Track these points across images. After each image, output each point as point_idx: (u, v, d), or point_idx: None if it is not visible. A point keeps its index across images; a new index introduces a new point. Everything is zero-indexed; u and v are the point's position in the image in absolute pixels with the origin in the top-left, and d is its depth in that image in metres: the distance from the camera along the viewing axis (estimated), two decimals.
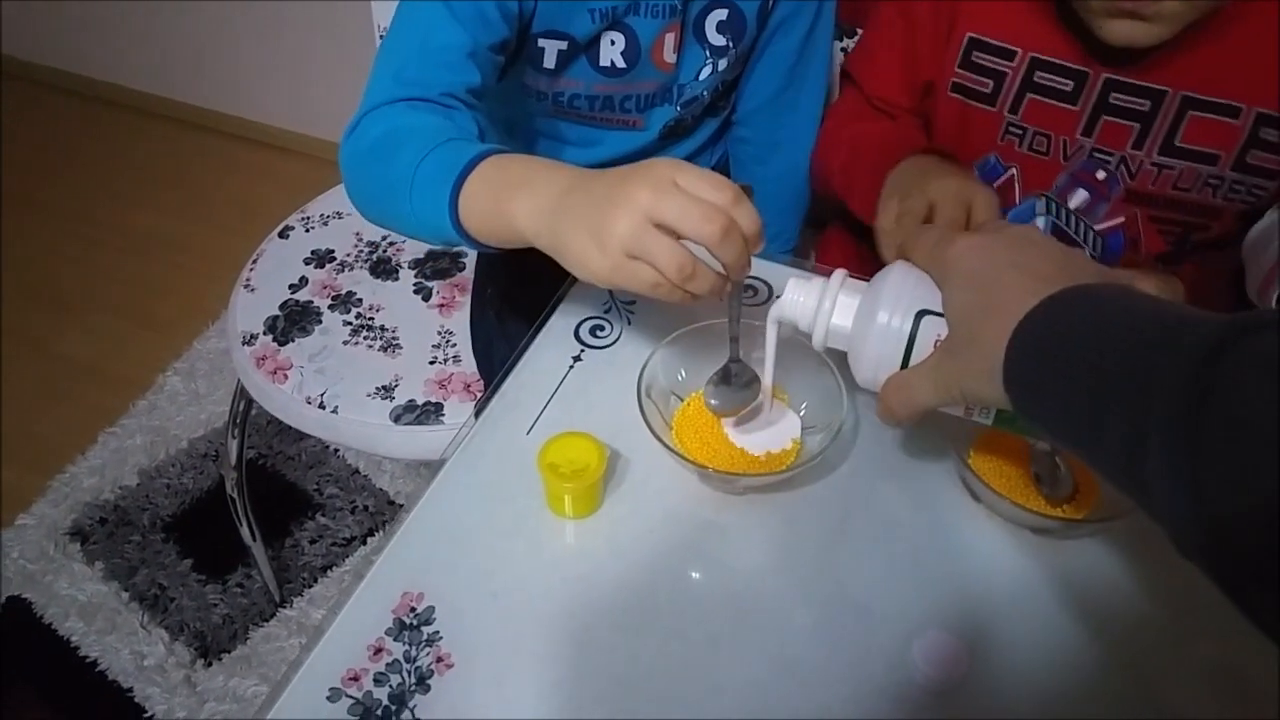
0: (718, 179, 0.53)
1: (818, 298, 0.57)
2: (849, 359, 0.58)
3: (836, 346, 0.58)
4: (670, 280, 0.53)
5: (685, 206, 0.52)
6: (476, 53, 0.75)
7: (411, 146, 0.66)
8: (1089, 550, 0.61)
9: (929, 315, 0.53)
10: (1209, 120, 0.75)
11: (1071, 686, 0.55)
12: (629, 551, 0.61)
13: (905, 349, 0.54)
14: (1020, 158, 0.82)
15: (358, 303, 1.10)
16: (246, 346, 1.06)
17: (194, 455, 1.54)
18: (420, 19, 0.76)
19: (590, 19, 0.82)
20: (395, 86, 0.72)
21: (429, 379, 1.01)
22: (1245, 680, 0.56)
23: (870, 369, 0.56)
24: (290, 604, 1.36)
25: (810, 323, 0.58)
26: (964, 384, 0.49)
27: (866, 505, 0.64)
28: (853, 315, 0.56)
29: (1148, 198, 0.80)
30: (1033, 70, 0.79)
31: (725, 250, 0.53)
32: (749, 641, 0.57)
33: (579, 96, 0.89)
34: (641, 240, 0.52)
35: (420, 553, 0.61)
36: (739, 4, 0.86)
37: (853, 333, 0.57)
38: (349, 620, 0.58)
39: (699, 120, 0.97)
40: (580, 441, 0.61)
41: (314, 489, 1.50)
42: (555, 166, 0.61)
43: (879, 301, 0.54)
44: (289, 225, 1.20)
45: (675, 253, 0.52)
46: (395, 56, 0.75)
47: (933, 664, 0.55)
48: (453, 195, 0.61)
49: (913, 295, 0.54)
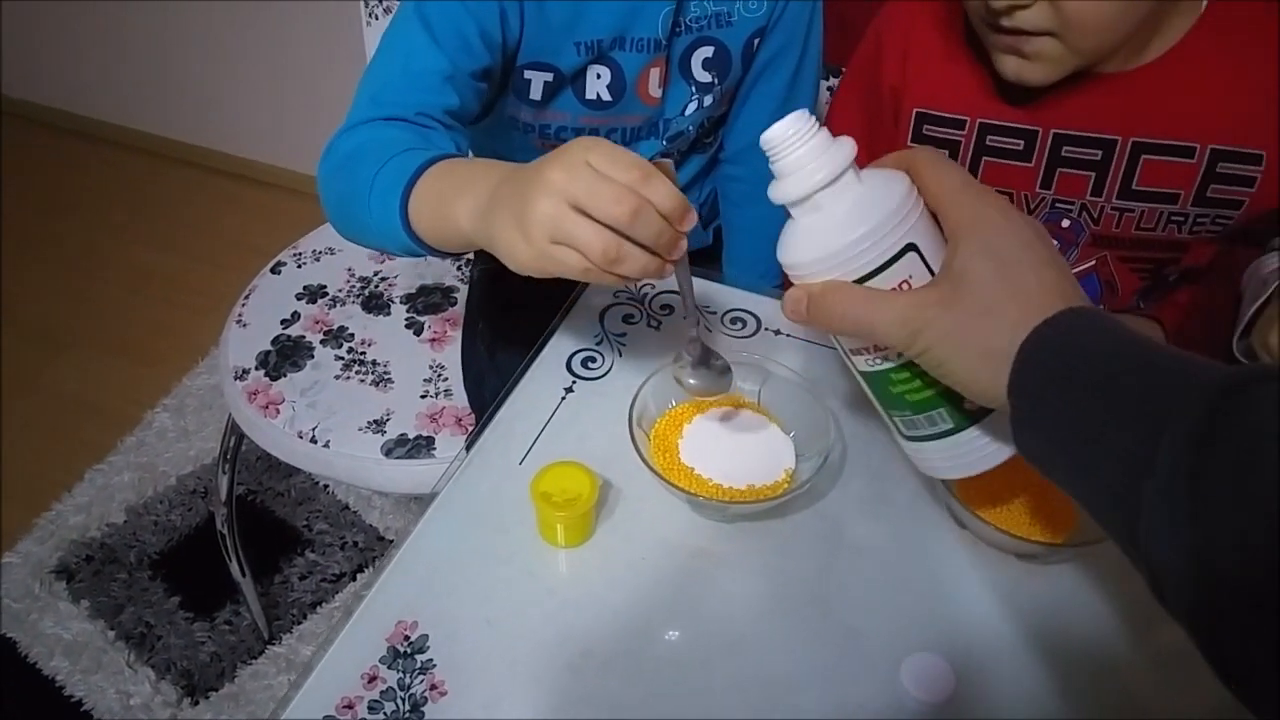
0: (629, 158, 0.52)
1: (813, 155, 0.49)
2: (789, 227, 0.51)
3: (792, 210, 0.51)
4: (596, 265, 0.52)
5: (593, 189, 0.50)
6: (456, 77, 0.76)
7: (373, 157, 0.67)
8: (1073, 575, 0.62)
9: (913, 254, 0.48)
10: (1164, 162, 0.77)
11: (1057, 708, 0.56)
12: (621, 580, 0.62)
13: (867, 274, 0.48)
14: None
15: (349, 337, 1.11)
16: (239, 381, 1.07)
17: (182, 492, 1.53)
18: (400, 44, 0.78)
19: (576, 52, 0.84)
20: (371, 107, 0.73)
21: (420, 413, 1.02)
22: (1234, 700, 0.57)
23: (813, 263, 0.49)
24: (279, 641, 1.35)
25: (787, 168, 0.50)
26: (947, 346, 0.45)
27: (855, 531, 0.65)
28: (838, 201, 0.49)
29: (1114, 240, 0.82)
30: (983, 135, 0.82)
31: (638, 231, 0.51)
32: (741, 667, 0.58)
33: (565, 129, 0.91)
34: (561, 225, 0.51)
35: (415, 581, 0.62)
36: (724, 42, 0.88)
37: (825, 220, 0.49)
38: (343, 648, 0.58)
39: (685, 156, 0.99)
40: (572, 471, 0.62)
41: (303, 525, 1.49)
42: (493, 165, 0.60)
43: (871, 214, 0.48)
44: (281, 261, 1.21)
45: (598, 236, 0.51)
46: (374, 80, 0.77)
47: (920, 686, 0.56)
48: (403, 201, 0.62)
49: (908, 225, 0.48)
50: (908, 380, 0.52)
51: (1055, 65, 0.72)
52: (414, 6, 0.79)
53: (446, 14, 0.77)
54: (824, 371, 0.74)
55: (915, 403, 0.53)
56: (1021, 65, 0.73)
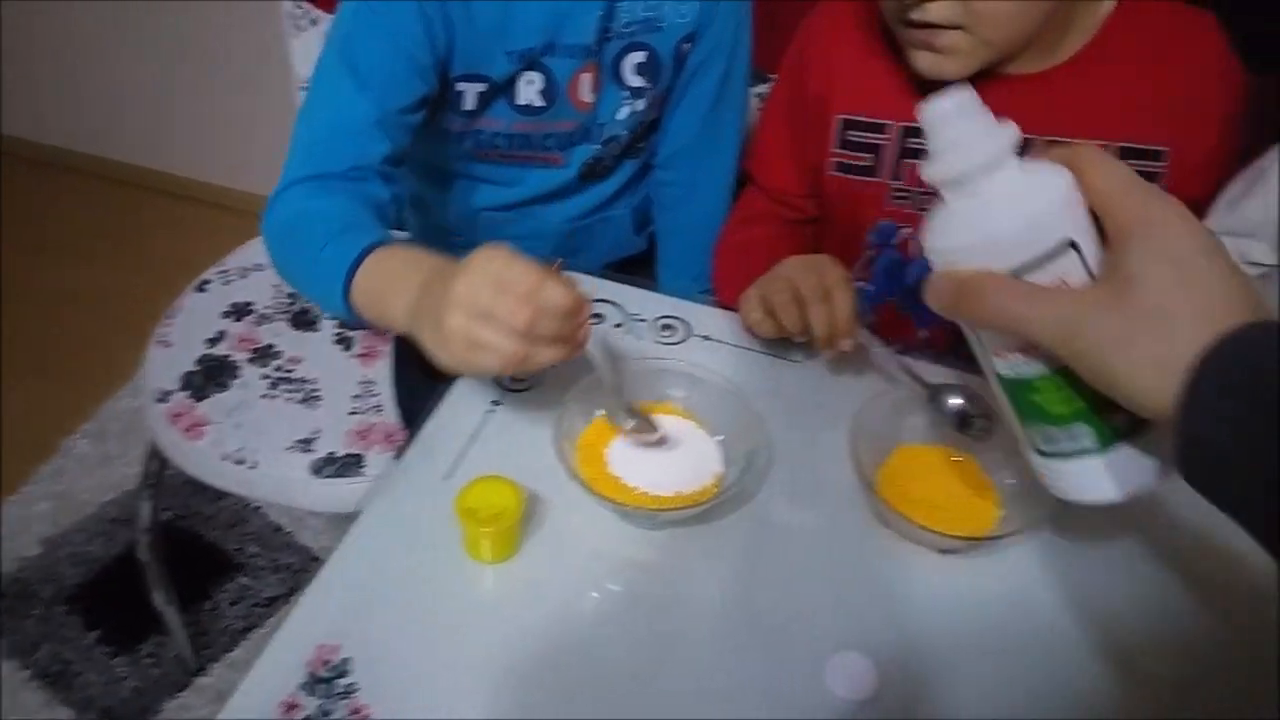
0: (523, 267, 0.56)
1: (974, 136, 0.47)
2: (941, 211, 0.48)
3: (947, 195, 0.48)
4: (509, 365, 0.57)
5: (495, 302, 0.56)
6: (385, 120, 0.78)
7: (313, 237, 0.71)
8: (994, 568, 0.64)
9: (1073, 252, 0.44)
10: None
11: (979, 701, 0.57)
12: (549, 593, 0.61)
13: (1021, 266, 0.44)
14: (912, 217, 0.87)
15: (277, 355, 1.08)
16: (161, 404, 1.03)
17: (103, 521, 1.48)
18: (327, 95, 0.80)
19: (507, 61, 0.84)
20: (305, 164, 0.77)
21: (350, 430, 1.00)
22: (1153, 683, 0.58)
23: (963, 249, 0.46)
24: (208, 670, 1.31)
25: (943, 147, 0.48)
26: (1107, 352, 0.42)
27: (781, 533, 0.65)
28: (996, 188, 0.46)
29: None
30: (905, 138, 0.84)
31: (540, 332, 0.56)
32: (670, 674, 0.57)
33: (499, 135, 0.91)
34: (472, 335, 0.56)
35: (336, 603, 0.60)
36: (655, 46, 0.89)
37: (981, 206, 0.46)
38: (260, 676, 0.56)
39: (618, 161, 1.00)
40: (498, 485, 0.61)
41: (234, 549, 1.45)
42: (419, 262, 0.65)
43: (1031, 203, 0.45)
44: (206, 279, 1.18)
45: (505, 341, 0.56)
46: (306, 131, 0.79)
47: (843, 684, 0.57)
48: (345, 297, 0.67)
49: (1069, 220, 0.44)
50: (1055, 390, 0.47)
51: (967, 59, 0.74)
52: (338, 52, 0.79)
53: (372, 55, 0.79)
54: (752, 376, 0.75)
55: (1057, 416, 0.47)
56: (935, 60, 0.75)
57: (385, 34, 0.78)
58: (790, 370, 0.77)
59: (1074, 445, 0.47)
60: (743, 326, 0.79)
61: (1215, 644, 0.59)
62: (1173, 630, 0.60)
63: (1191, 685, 0.58)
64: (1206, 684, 0.58)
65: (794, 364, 0.78)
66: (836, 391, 0.74)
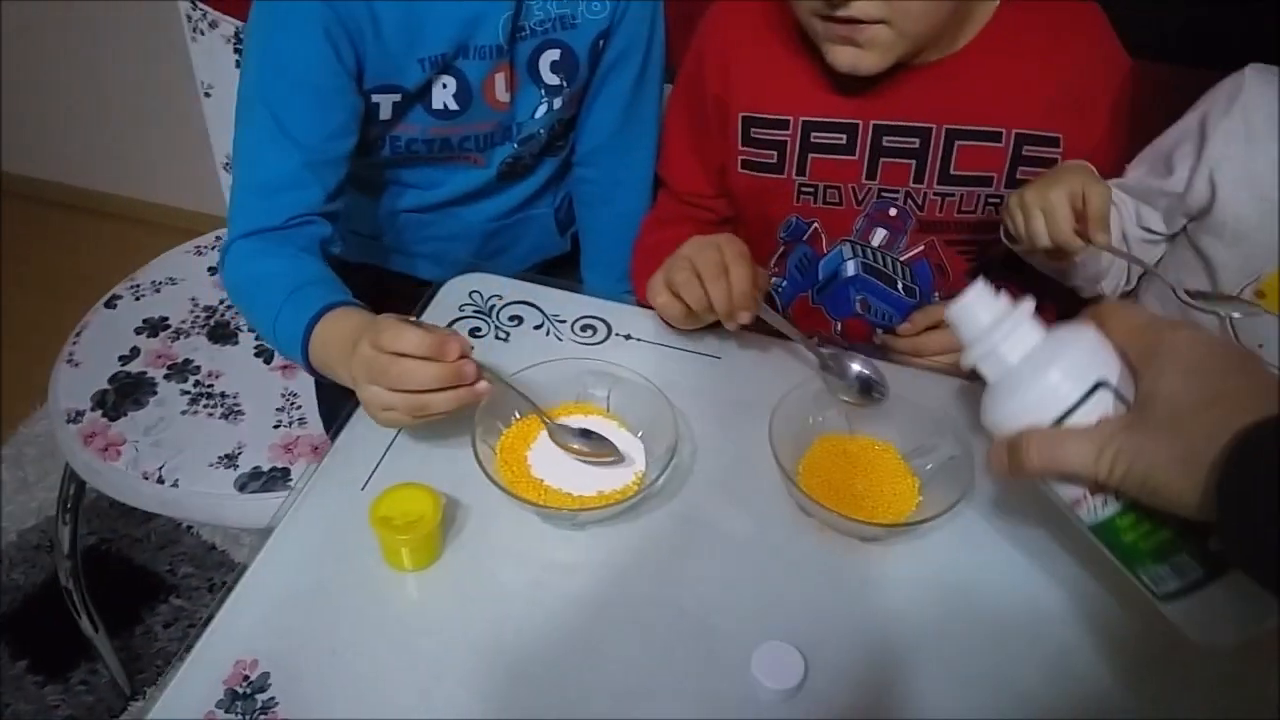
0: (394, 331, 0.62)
1: (995, 318, 0.53)
2: (987, 391, 0.53)
3: (986, 372, 0.54)
4: (415, 416, 0.63)
5: (387, 371, 0.62)
6: (313, 162, 0.80)
7: (267, 303, 0.76)
8: (915, 555, 0.65)
9: (1104, 389, 0.49)
10: (976, 147, 0.82)
11: (905, 684, 0.58)
12: (473, 598, 0.61)
13: (1061, 415, 0.50)
14: (819, 212, 0.88)
15: (195, 370, 1.06)
16: (72, 425, 1.01)
17: (24, 548, 1.43)
18: (252, 144, 0.82)
19: (420, 68, 0.83)
20: (245, 219, 0.81)
21: (274, 443, 0.98)
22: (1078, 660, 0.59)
23: (1009, 413, 0.52)
24: (144, 695, 1.27)
25: (974, 336, 0.53)
26: (1140, 462, 0.46)
27: (705, 528, 0.66)
28: (1022, 354, 0.52)
29: (939, 224, 0.87)
30: (807, 133, 0.85)
31: (439, 382, 0.62)
32: (595, 675, 0.57)
33: (416, 140, 0.90)
34: (378, 401, 0.63)
35: (252, 618, 0.59)
36: (570, 44, 0.89)
37: (1014, 372, 0.52)
38: (175, 697, 0.55)
39: (538, 159, 1.00)
40: (414, 492, 0.61)
41: (166, 570, 1.41)
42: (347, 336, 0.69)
43: (1058, 358, 0.50)
44: (116, 294, 1.14)
45: (402, 403, 0.62)
46: (241, 180, 0.82)
47: (770, 675, 0.57)
48: (307, 364, 0.74)
49: (1095, 365, 0.50)
50: (1135, 524, 0.49)
51: (887, 52, 0.75)
52: (256, 95, 0.80)
53: (288, 99, 0.79)
54: (673, 374, 0.75)
55: (1153, 550, 0.49)
56: (856, 55, 0.76)
57: (295, 68, 0.78)
58: (711, 366, 0.78)
59: (1183, 579, 0.49)
60: (660, 316, 0.79)
61: (1139, 616, 0.60)
62: (1096, 606, 0.62)
63: (1116, 658, 0.59)
64: (1130, 656, 0.60)
65: (715, 360, 0.78)
66: (757, 386, 0.74)
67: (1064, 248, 0.73)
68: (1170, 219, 0.82)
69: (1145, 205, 0.83)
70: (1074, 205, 0.72)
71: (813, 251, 0.91)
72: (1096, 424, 0.49)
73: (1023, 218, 0.74)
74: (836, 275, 0.91)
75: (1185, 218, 0.81)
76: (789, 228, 0.91)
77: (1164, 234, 0.84)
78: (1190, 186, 0.78)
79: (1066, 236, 0.72)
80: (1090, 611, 0.62)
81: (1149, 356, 0.48)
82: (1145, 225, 0.84)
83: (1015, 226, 0.75)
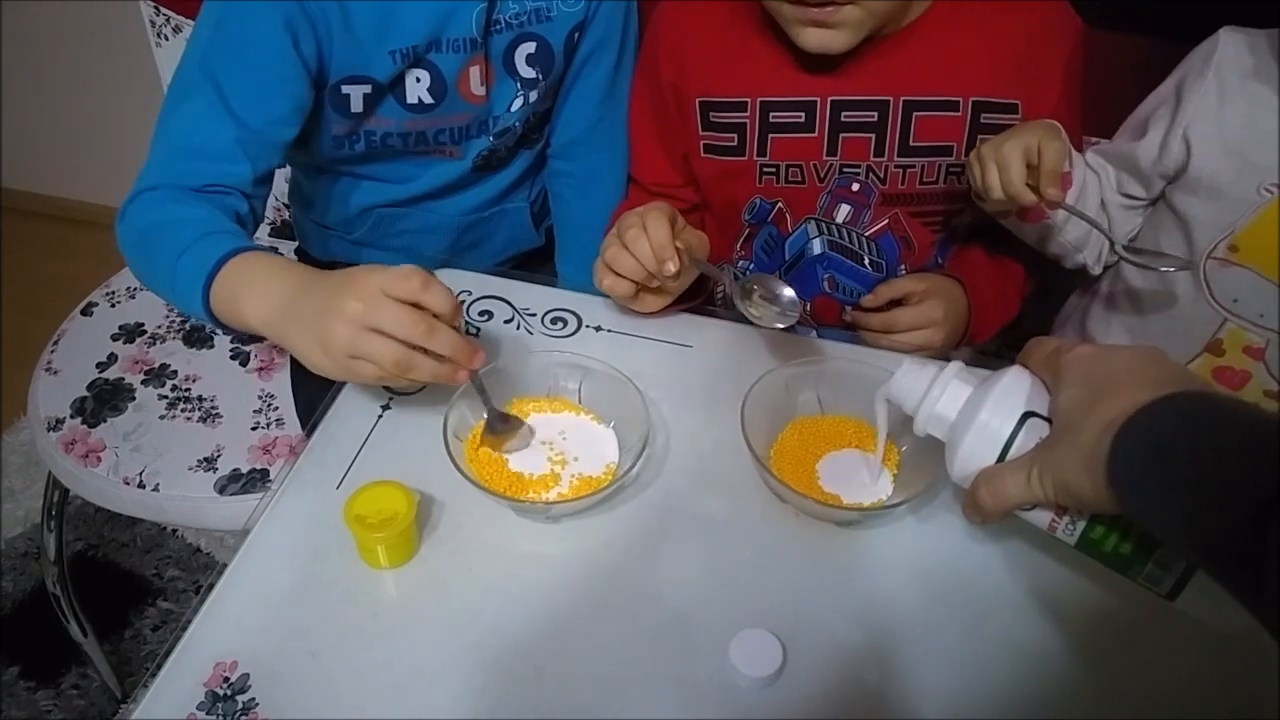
0: (407, 270, 0.61)
1: (928, 383, 0.59)
2: (946, 450, 0.58)
3: (936, 434, 0.59)
4: (390, 373, 0.61)
5: (395, 315, 0.60)
6: (247, 140, 0.78)
7: (172, 240, 0.72)
8: (892, 539, 0.65)
9: (1034, 418, 0.54)
10: (933, 117, 0.83)
11: (883, 669, 0.59)
12: (449, 594, 0.62)
13: (1001, 450, 0.54)
14: (782, 191, 0.89)
15: (172, 375, 1.06)
16: (53, 432, 1.00)
17: (12, 556, 1.43)
18: (188, 106, 0.79)
19: (391, 60, 0.83)
20: (162, 174, 0.77)
21: (253, 445, 0.99)
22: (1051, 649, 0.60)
23: (963, 463, 0.57)
24: (135, 698, 1.28)
25: (915, 405, 0.59)
26: (1056, 473, 0.50)
27: (680, 517, 0.66)
28: (958, 408, 0.57)
29: (902, 197, 0.88)
30: (766, 113, 0.85)
31: (436, 344, 0.61)
32: (573, 667, 0.58)
33: (390, 134, 0.90)
34: (358, 344, 0.61)
35: (231, 621, 0.60)
36: (545, 37, 0.89)
37: (954, 424, 0.57)
38: (157, 701, 0.56)
39: (513, 152, 1.00)
40: (387, 490, 0.61)
41: (153, 574, 1.42)
42: (285, 269, 0.68)
43: (985, 400, 0.55)
44: (92, 302, 1.14)
45: (391, 350, 0.60)
46: (165, 142, 0.79)
47: (748, 662, 0.57)
48: (204, 295, 0.69)
49: (1020, 398, 0.55)
50: (1107, 533, 0.52)
51: (856, 31, 0.76)
52: (200, 63, 0.78)
53: (233, 71, 0.77)
54: (644, 364, 0.75)
55: (1135, 552, 0.52)
56: (826, 36, 0.76)
57: (247, 50, 0.77)
58: (682, 355, 0.78)
59: (1172, 572, 0.51)
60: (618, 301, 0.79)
61: (1118, 597, 0.61)
62: (1076, 588, 0.62)
63: (1097, 639, 0.60)
64: (1111, 637, 0.60)
65: (686, 349, 0.79)
66: (729, 373, 0.75)
67: (1015, 200, 0.75)
68: (1148, 182, 0.84)
69: (1124, 172, 0.85)
70: (1029, 160, 0.74)
71: (778, 232, 0.92)
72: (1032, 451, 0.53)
73: (979, 171, 0.76)
74: (803, 254, 0.92)
75: (1163, 180, 0.83)
76: (753, 210, 0.91)
77: (1144, 199, 0.86)
78: (1166, 147, 0.80)
79: (1018, 189, 0.74)
80: (1070, 593, 0.62)
81: (1056, 378, 0.53)
82: (1125, 191, 0.86)
83: (973, 180, 0.78)
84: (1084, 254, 0.86)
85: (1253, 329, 0.81)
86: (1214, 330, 0.82)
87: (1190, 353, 0.84)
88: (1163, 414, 0.45)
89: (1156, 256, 0.80)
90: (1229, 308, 0.81)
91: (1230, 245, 0.79)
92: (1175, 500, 0.43)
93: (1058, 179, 0.74)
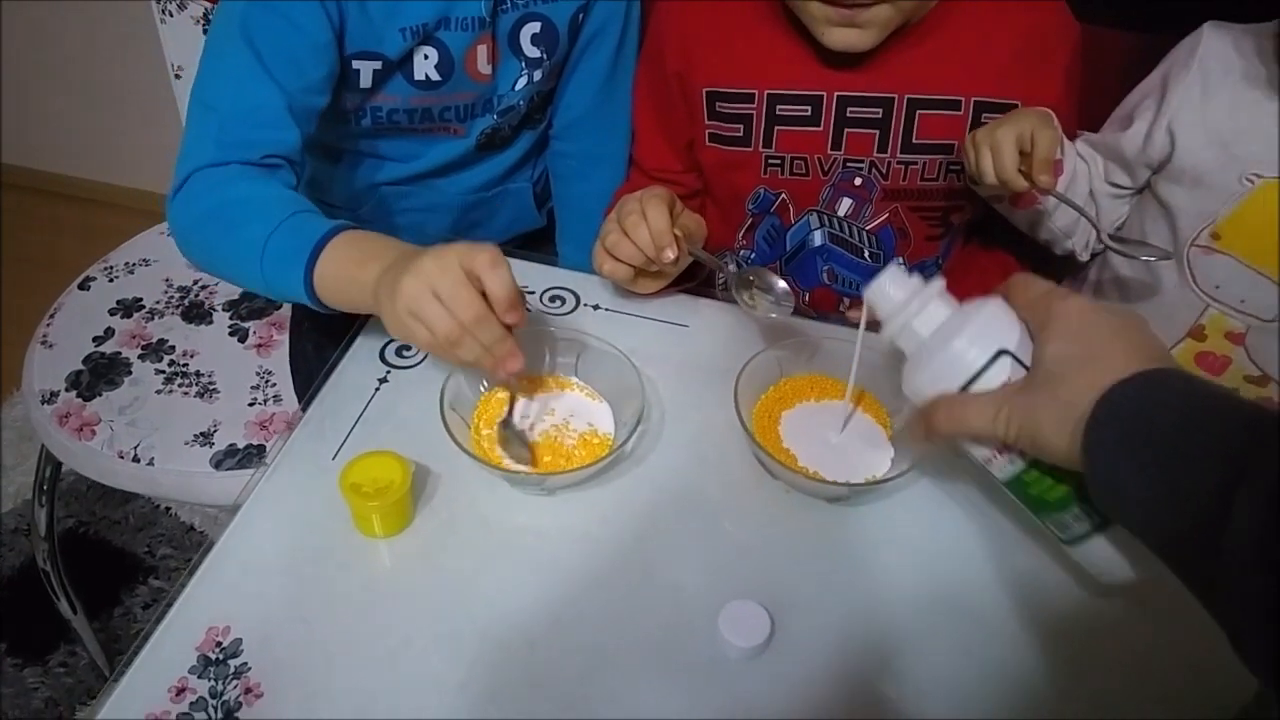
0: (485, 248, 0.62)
1: (908, 295, 0.57)
2: (906, 364, 0.58)
3: (903, 347, 0.58)
4: (440, 343, 0.61)
5: (455, 290, 0.61)
6: (293, 106, 0.78)
7: (258, 219, 0.72)
8: (880, 514, 0.66)
9: (1006, 356, 0.53)
10: (937, 115, 0.84)
11: (870, 642, 0.59)
12: (444, 564, 0.62)
13: (967, 380, 0.54)
14: (786, 183, 0.89)
15: (170, 350, 1.06)
16: (47, 405, 1.00)
17: (2, 532, 1.43)
18: (234, 75, 0.78)
19: (401, 37, 0.83)
20: (218, 149, 0.76)
21: (250, 421, 0.99)
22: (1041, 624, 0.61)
23: (923, 383, 0.56)
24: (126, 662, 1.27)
25: (890, 313, 0.57)
26: (1028, 422, 0.50)
27: (673, 492, 0.67)
28: (932, 328, 0.56)
29: (903, 192, 0.88)
30: (773, 105, 0.86)
31: (480, 330, 0.62)
32: (564, 636, 0.58)
33: (397, 110, 0.90)
34: (419, 303, 0.61)
35: (225, 586, 0.60)
36: (550, 17, 0.89)
37: (926, 343, 0.56)
38: (149, 663, 0.56)
39: (516, 131, 1.00)
40: (383, 460, 0.62)
41: (145, 551, 1.42)
42: (396, 241, 0.69)
43: (964, 327, 0.54)
44: (90, 276, 1.14)
45: (444, 320, 0.61)
46: (214, 115, 0.77)
47: (736, 633, 0.58)
48: (308, 268, 0.69)
49: (999, 334, 0.54)
50: (1039, 478, 0.54)
51: (883, 30, 0.77)
52: (239, 32, 0.77)
53: (273, 37, 0.77)
54: (641, 342, 0.76)
55: (1055, 501, 0.54)
56: (853, 35, 0.77)
57: (284, 14, 0.77)
58: (678, 334, 0.79)
59: (1082, 527, 0.54)
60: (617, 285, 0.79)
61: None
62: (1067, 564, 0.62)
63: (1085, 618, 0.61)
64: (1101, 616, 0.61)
65: (682, 328, 0.79)
66: (724, 352, 0.76)
67: (1008, 185, 0.76)
68: (1134, 172, 0.85)
69: (1111, 162, 0.86)
70: (1022, 146, 0.75)
71: (780, 222, 0.92)
72: (999, 388, 0.53)
73: (974, 155, 0.77)
74: (804, 245, 0.92)
75: (1148, 170, 0.85)
76: (757, 200, 0.91)
77: (1130, 188, 0.87)
78: (1150, 137, 0.82)
79: (1009, 174, 0.75)
80: (1061, 570, 0.63)
81: (1043, 324, 0.52)
82: (1112, 180, 0.87)
83: (968, 164, 0.79)
84: (1072, 240, 0.87)
85: (1234, 315, 0.82)
86: (1196, 316, 0.84)
87: (1173, 338, 0.85)
88: (1149, 388, 0.46)
89: (1139, 246, 0.81)
90: (1211, 294, 0.83)
91: (1213, 233, 0.81)
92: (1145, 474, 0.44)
93: (1049, 166, 0.74)
